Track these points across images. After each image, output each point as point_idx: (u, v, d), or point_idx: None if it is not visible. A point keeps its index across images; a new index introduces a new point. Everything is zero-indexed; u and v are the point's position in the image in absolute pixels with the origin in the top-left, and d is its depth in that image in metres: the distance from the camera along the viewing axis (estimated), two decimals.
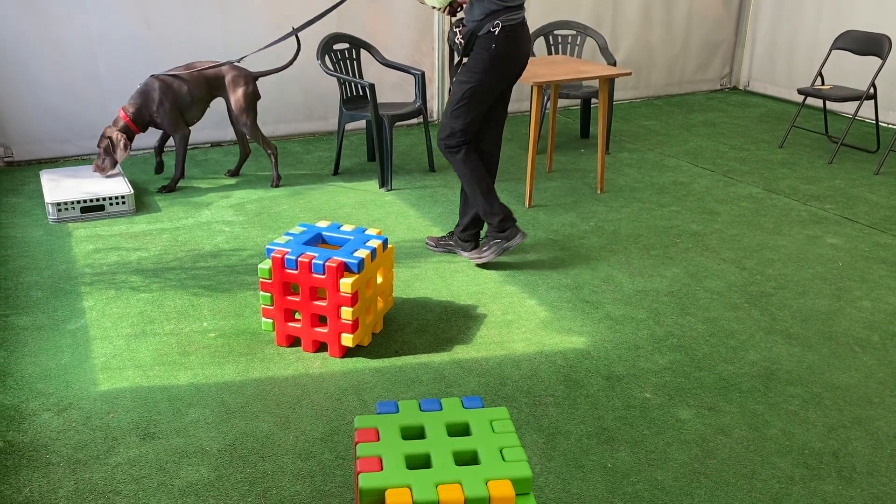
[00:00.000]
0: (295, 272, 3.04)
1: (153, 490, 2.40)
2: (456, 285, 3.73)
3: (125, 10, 5.30)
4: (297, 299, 3.09)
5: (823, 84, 5.99)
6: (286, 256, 3.03)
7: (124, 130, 4.67)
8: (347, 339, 3.06)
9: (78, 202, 4.42)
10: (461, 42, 3.57)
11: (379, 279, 3.32)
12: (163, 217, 4.51)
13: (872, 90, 5.59)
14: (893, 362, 3.14)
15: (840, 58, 6.53)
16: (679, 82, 7.70)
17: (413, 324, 3.39)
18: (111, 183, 4.66)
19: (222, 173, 5.25)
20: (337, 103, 5.49)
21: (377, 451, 2.03)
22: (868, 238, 4.34)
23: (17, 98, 5.21)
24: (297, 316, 3.21)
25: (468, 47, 3.57)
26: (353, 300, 3.00)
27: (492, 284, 3.74)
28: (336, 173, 5.27)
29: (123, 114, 4.67)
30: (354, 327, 3.05)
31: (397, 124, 6.40)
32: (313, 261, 3.00)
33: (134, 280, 3.75)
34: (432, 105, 6.48)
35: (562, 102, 7.04)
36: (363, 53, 5.50)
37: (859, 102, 5.63)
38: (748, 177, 5.32)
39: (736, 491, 2.43)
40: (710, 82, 7.88)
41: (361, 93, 5.28)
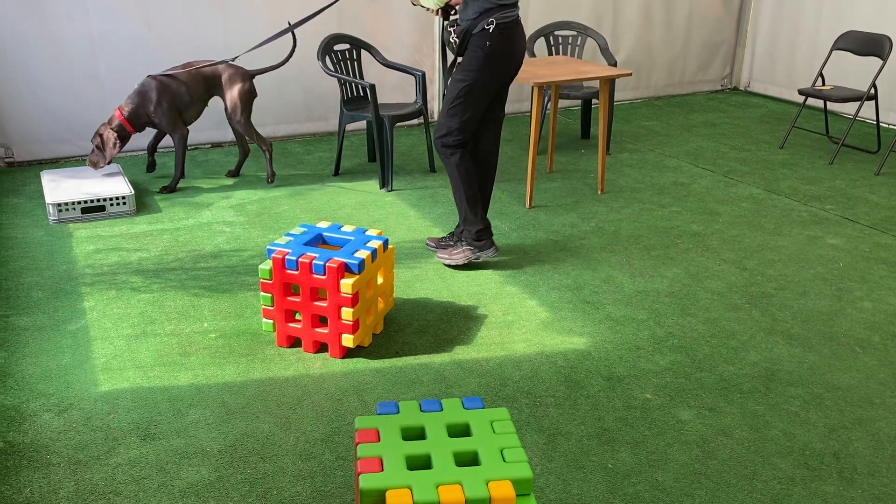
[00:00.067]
0: (295, 273, 3.04)
1: (154, 491, 2.40)
2: (456, 286, 3.73)
3: (126, 11, 5.31)
4: (298, 300, 3.09)
5: (824, 84, 5.99)
6: (287, 257, 3.03)
7: (118, 130, 4.68)
8: (348, 340, 3.06)
9: (78, 203, 4.43)
10: (456, 41, 3.58)
11: (379, 280, 3.32)
12: (163, 218, 4.51)
13: (873, 91, 5.59)
14: (894, 363, 3.14)
15: (841, 58, 6.53)
16: (680, 83, 7.70)
17: (414, 324, 3.39)
18: (112, 183, 4.66)
19: (223, 174, 5.25)
20: (337, 104, 5.49)
21: (378, 452, 2.03)
22: (869, 239, 4.34)
23: (18, 98, 5.22)
24: (298, 316, 3.21)
25: (463, 46, 3.59)
26: (354, 301, 3.00)
27: (492, 285, 3.74)
28: (337, 174, 5.27)
29: (119, 113, 4.67)
30: (355, 328, 3.05)
31: (398, 125, 6.40)
32: (314, 261, 3.00)
33: (134, 281, 3.75)
34: (433, 105, 6.48)
35: (562, 103, 7.04)
36: (364, 54, 5.50)
37: (860, 103, 5.63)
38: (749, 177, 5.31)
39: (737, 492, 2.43)
40: (711, 83, 7.88)
41: (362, 93, 5.29)
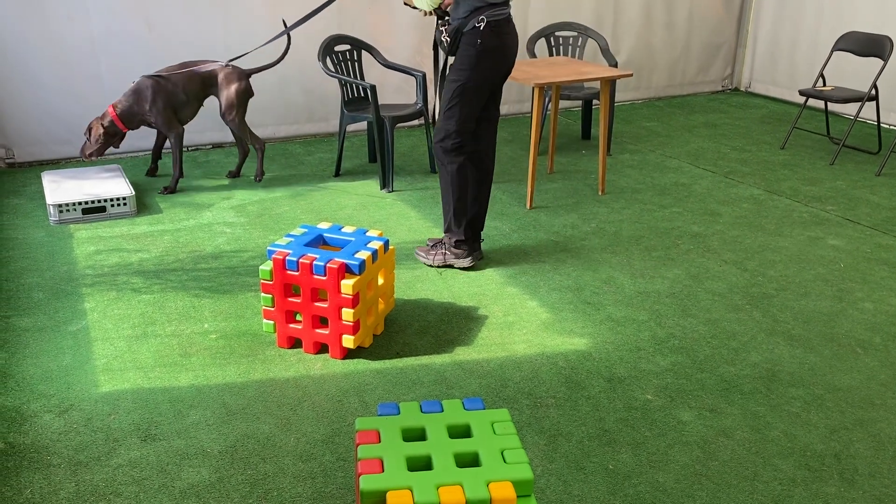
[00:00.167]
0: (296, 274, 3.04)
1: (154, 491, 2.40)
2: (457, 287, 3.73)
3: (126, 11, 5.31)
4: (299, 301, 3.09)
5: (825, 85, 5.99)
6: (287, 258, 3.03)
7: (108, 126, 4.68)
8: (348, 341, 3.06)
9: (79, 203, 4.43)
10: (447, 40, 3.59)
11: (380, 280, 3.31)
12: (164, 218, 4.51)
13: (874, 91, 5.59)
14: (895, 364, 3.14)
15: (841, 59, 6.53)
16: (680, 84, 7.69)
17: (414, 325, 3.39)
18: (112, 184, 4.66)
19: (223, 175, 5.25)
20: (338, 105, 5.49)
21: (378, 453, 2.03)
22: (870, 239, 4.33)
23: (19, 99, 5.22)
24: (299, 317, 3.21)
25: (454, 45, 3.59)
26: (355, 302, 3.00)
27: (493, 286, 3.74)
28: (337, 175, 5.27)
29: (112, 110, 4.67)
30: (355, 329, 3.05)
31: (398, 126, 6.40)
32: (314, 262, 3.00)
33: (135, 281, 3.75)
34: (433, 106, 6.47)
35: (563, 104, 7.04)
36: (364, 55, 5.50)
37: (861, 104, 5.63)
38: (749, 178, 5.31)
39: (737, 493, 2.43)
40: (712, 84, 7.88)
41: (363, 94, 5.29)
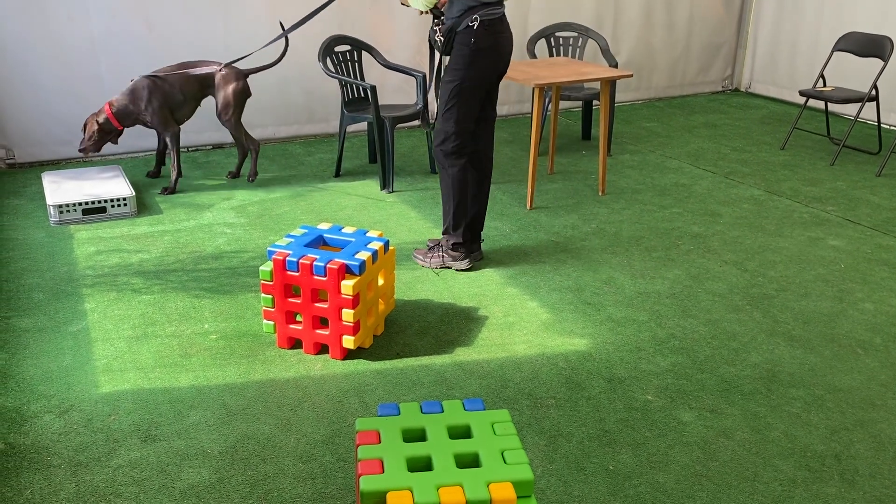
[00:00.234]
0: (296, 274, 3.04)
1: (154, 492, 2.40)
2: (457, 287, 3.73)
3: (126, 11, 5.31)
4: (299, 301, 3.09)
5: (825, 86, 5.99)
6: (287, 258, 3.03)
7: (103, 122, 4.69)
8: (349, 342, 3.06)
9: (79, 204, 4.43)
10: (441, 39, 3.60)
11: (380, 281, 3.31)
12: (164, 219, 4.51)
13: (874, 92, 5.59)
14: (895, 364, 3.14)
15: (841, 59, 6.53)
16: (680, 84, 7.69)
17: (414, 326, 3.39)
18: (113, 185, 4.66)
19: (223, 175, 5.25)
20: (338, 105, 5.49)
21: (378, 454, 2.03)
22: (870, 240, 4.33)
23: (19, 100, 5.22)
24: (299, 318, 3.21)
25: (448, 44, 3.60)
26: (355, 302, 3.00)
27: (493, 286, 3.74)
28: (337, 175, 5.27)
29: (108, 107, 4.69)
30: (356, 329, 3.05)
31: (399, 126, 6.40)
32: (314, 263, 3.00)
33: (135, 282, 3.75)
34: (433, 107, 6.48)
35: (563, 104, 7.04)
36: (365, 55, 5.50)
37: (861, 104, 5.63)
38: (750, 178, 5.31)
39: (738, 493, 2.43)
40: (712, 84, 7.88)
41: (363, 95, 5.29)
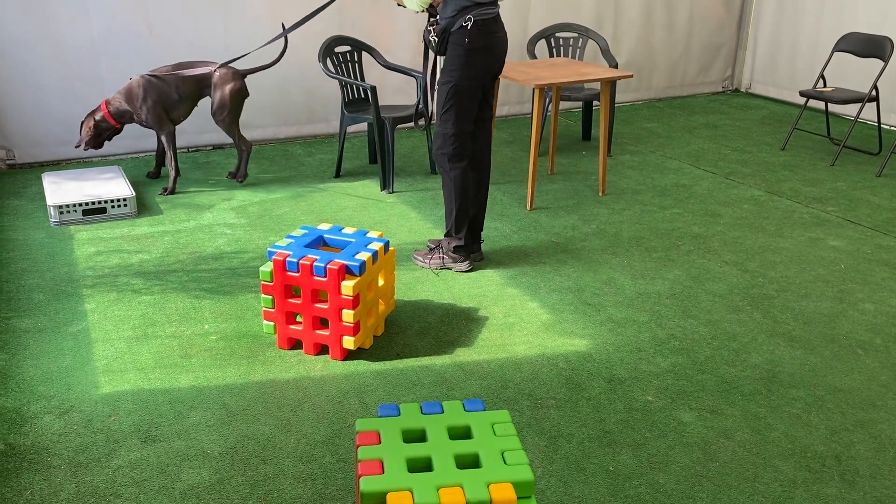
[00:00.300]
0: (296, 275, 3.04)
1: (154, 493, 2.40)
2: (457, 288, 3.73)
3: (126, 11, 5.31)
4: (299, 302, 3.09)
5: (825, 86, 5.99)
6: (288, 259, 3.03)
7: (100, 121, 4.72)
8: (349, 342, 3.06)
9: (80, 205, 4.43)
10: (435, 39, 3.60)
11: (380, 282, 3.31)
12: (164, 219, 4.51)
13: (874, 92, 5.59)
14: None
15: (842, 60, 6.53)
16: (681, 84, 7.69)
17: (414, 326, 3.39)
18: (113, 185, 4.66)
19: (223, 176, 5.25)
20: (338, 106, 5.49)
21: (378, 455, 2.02)
22: (870, 240, 4.33)
23: (19, 100, 5.22)
24: (299, 319, 3.21)
25: (443, 44, 3.60)
26: (355, 303, 3.00)
27: (493, 287, 3.74)
28: (337, 176, 5.27)
29: (104, 106, 4.71)
30: (356, 330, 3.05)
31: (399, 127, 6.40)
32: (315, 263, 3.00)
33: (135, 283, 3.75)
34: (433, 108, 6.47)
35: (563, 105, 7.04)
36: (365, 56, 5.50)
37: (861, 105, 5.63)
38: (750, 179, 5.31)
39: (738, 494, 2.42)
40: (712, 84, 7.87)
41: (363, 95, 5.29)
